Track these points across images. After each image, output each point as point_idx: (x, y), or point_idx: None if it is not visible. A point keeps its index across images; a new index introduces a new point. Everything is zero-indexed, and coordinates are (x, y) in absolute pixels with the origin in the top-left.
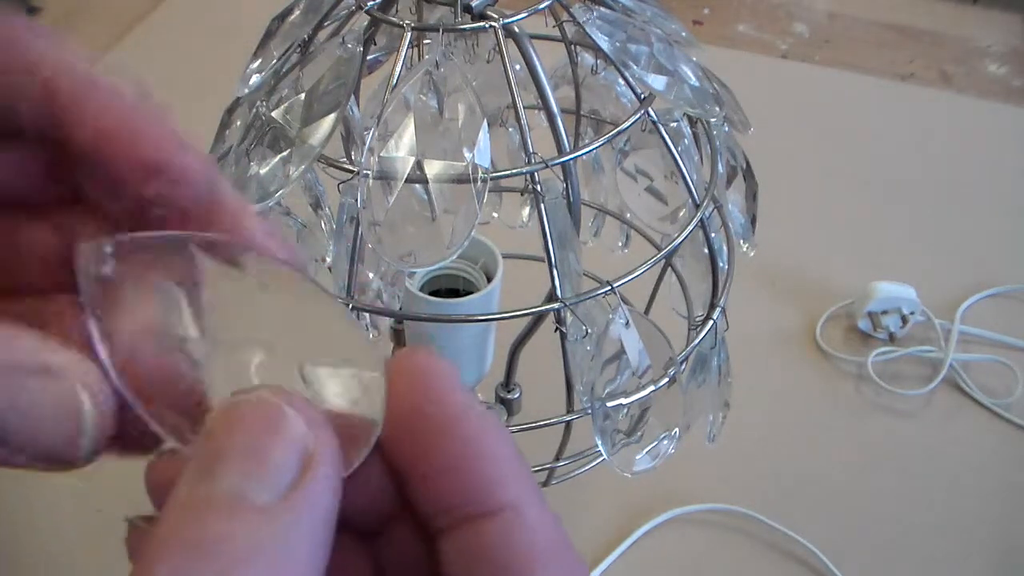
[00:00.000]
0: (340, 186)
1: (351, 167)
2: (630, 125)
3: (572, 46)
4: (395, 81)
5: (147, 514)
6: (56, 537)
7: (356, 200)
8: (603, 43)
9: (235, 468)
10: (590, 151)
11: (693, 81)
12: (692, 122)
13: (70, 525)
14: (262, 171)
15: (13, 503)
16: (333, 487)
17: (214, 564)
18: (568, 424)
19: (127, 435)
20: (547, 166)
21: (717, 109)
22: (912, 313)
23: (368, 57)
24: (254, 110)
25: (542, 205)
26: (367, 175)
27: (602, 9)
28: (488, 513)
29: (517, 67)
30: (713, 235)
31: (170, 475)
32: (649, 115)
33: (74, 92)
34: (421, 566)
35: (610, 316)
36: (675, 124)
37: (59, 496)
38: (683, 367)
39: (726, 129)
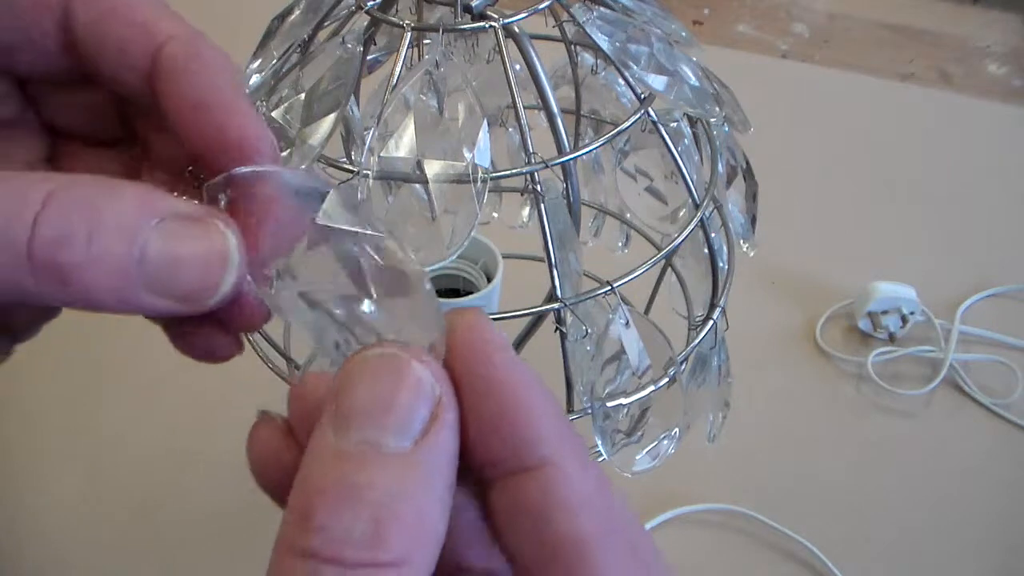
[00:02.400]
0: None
1: (351, 167)
2: (630, 125)
3: (572, 46)
4: (395, 81)
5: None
6: (57, 537)
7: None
8: (603, 43)
9: (372, 420)
10: (590, 151)
11: (693, 81)
12: (692, 122)
13: (71, 525)
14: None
15: (13, 504)
16: (456, 432)
17: (366, 507)
18: None
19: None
20: (547, 166)
21: (717, 109)
22: (912, 313)
23: (368, 57)
24: None
25: (542, 205)
26: (367, 175)
27: (602, 9)
28: (530, 468)
29: (517, 67)
30: (713, 235)
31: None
32: (649, 115)
33: (180, 61)
34: (474, 514)
35: (610, 316)
36: (675, 124)
37: (59, 497)
38: (683, 367)
39: (726, 129)
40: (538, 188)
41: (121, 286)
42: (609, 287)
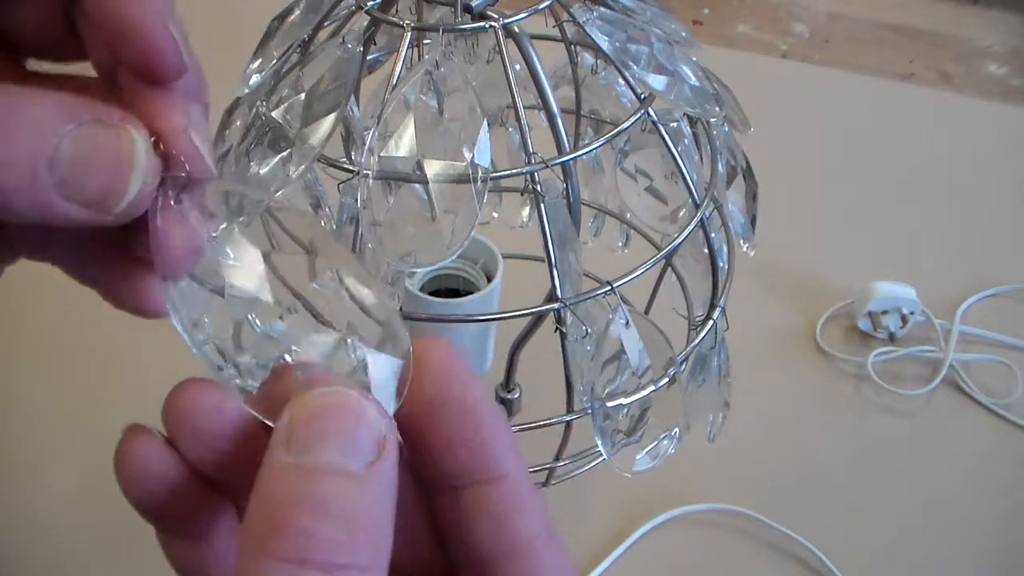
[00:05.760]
0: (340, 186)
1: (351, 167)
2: (630, 125)
3: (572, 46)
4: (395, 81)
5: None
6: (57, 538)
7: (356, 200)
8: (603, 43)
9: (332, 446)
10: (590, 151)
11: (693, 81)
12: (692, 122)
13: (72, 525)
14: (262, 171)
15: (14, 504)
16: (396, 460)
17: (339, 520)
18: (568, 424)
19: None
20: (547, 166)
21: (717, 109)
22: (912, 313)
23: (368, 57)
24: (254, 110)
25: (542, 205)
26: (367, 175)
27: (602, 9)
28: (494, 479)
29: (517, 67)
30: (713, 235)
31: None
32: (649, 115)
33: None
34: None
35: (610, 316)
36: (675, 124)
37: (60, 497)
38: (683, 367)
39: (726, 129)
40: (538, 188)
41: (32, 187)
42: (609, 287)
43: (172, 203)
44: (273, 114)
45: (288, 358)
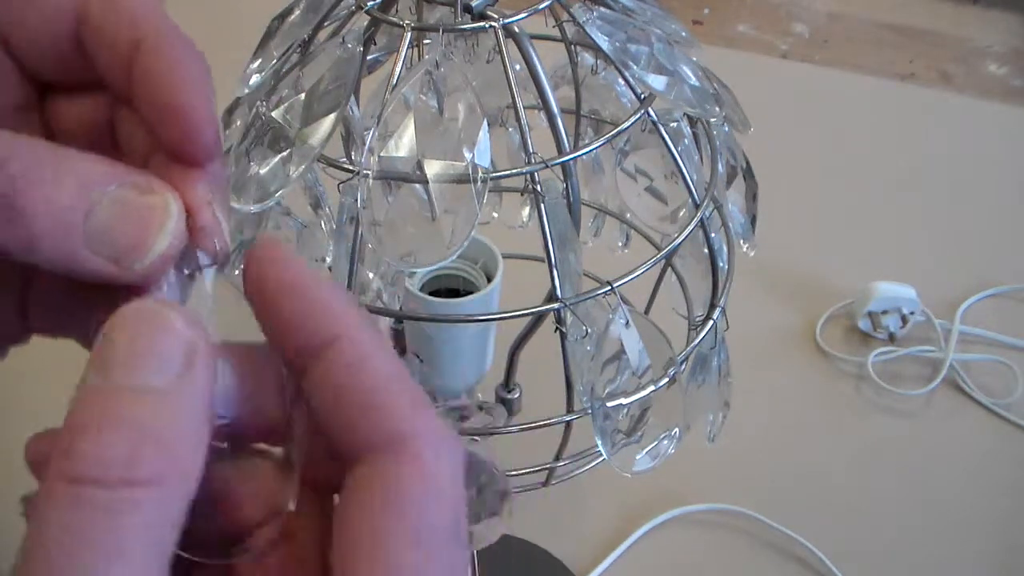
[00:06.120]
0: (340, 186)
1: (351, 167)
2: (630, 125)
3: (572, 46)
4: (395, 81)
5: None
6: None
7: (356, 200)
8: (603, 43)
9: (132, 361)
10: (590, 151)
11: (693, 81)
12: (692, 122)
13: None
14: (262, 171)
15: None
16: (210, 373)
17: (125, 434)
18: (568, 424)
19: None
20: (547, 166)
21: (717, 109)
22: (912, 313)
23: (368, 57)
24: (254, 110)
25: (542, 205)
26: (367, 175)
27: (602, 9)
28: (328, 343)
29: (517, 67)
30: (713, 235)
31: (47, 451)
32: (649, 115)
33: (151, 54)
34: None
35: (610, 316)
36: (675, 124)
37: None
38: (683, 367)
39: (726, 129)
40: (538, 188)
41: (64, 236)
42: (609, 287)
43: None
44: (273, 114)
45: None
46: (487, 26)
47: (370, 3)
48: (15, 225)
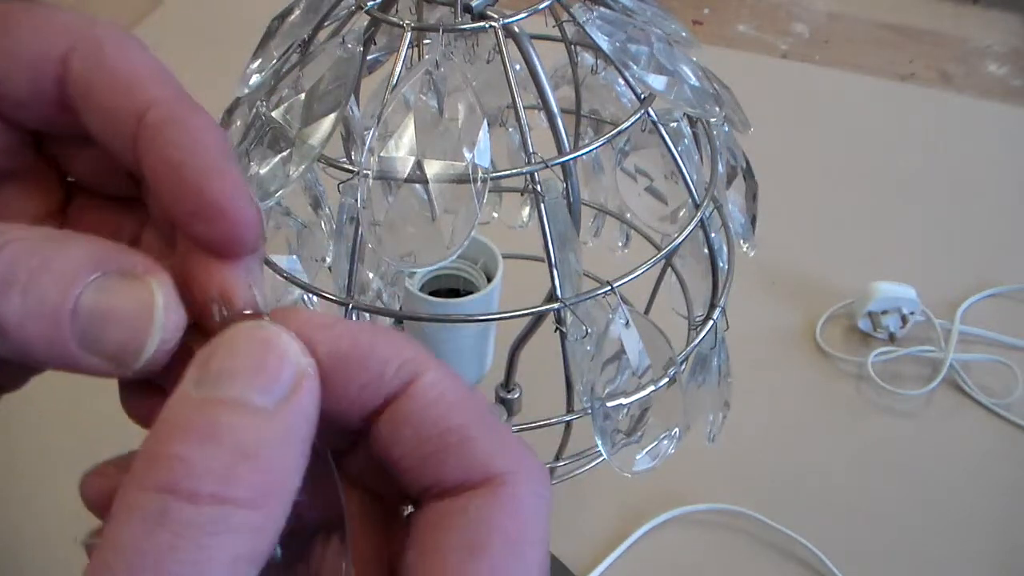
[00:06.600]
0: (340, 186)
1: (351, 167)
2: (630, 125)
3: (572, 46)
4: (395, 81)
5: (97, 530)
6: (60, 539)
7: (356, 200)
8: (603, 43)
9: (241, 378)
10: (590, 151)
11: (693, 81)
12: (692, 122)
13: (74, 527)
14: (262, 171)
15: (16, 506)
16: (316, 403)
17: (226, 445)
18: (568, 424)
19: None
20: (547, 166)
21: (717, 109)
22: (912, 313)
23: (368, 57)
24: (254, 110)
25: (542, 205)
26: (367, 175)
27: (602, 9)
28: (399, 385)
29: (517, 67)
30: (713, 235)
31: (107, 488)
32: (649, 115)
33: (159, 129)
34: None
35: (610, 316)
36: (675, 124)
37: (63, 499)
38: (683, 367)
39: (726, 129)
40: (538, 188)
41: (54, 337)
42: (609, 287)
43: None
44: (273, 114)
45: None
46: (487, 26)
47: (370, 3)
48: (5, 333)
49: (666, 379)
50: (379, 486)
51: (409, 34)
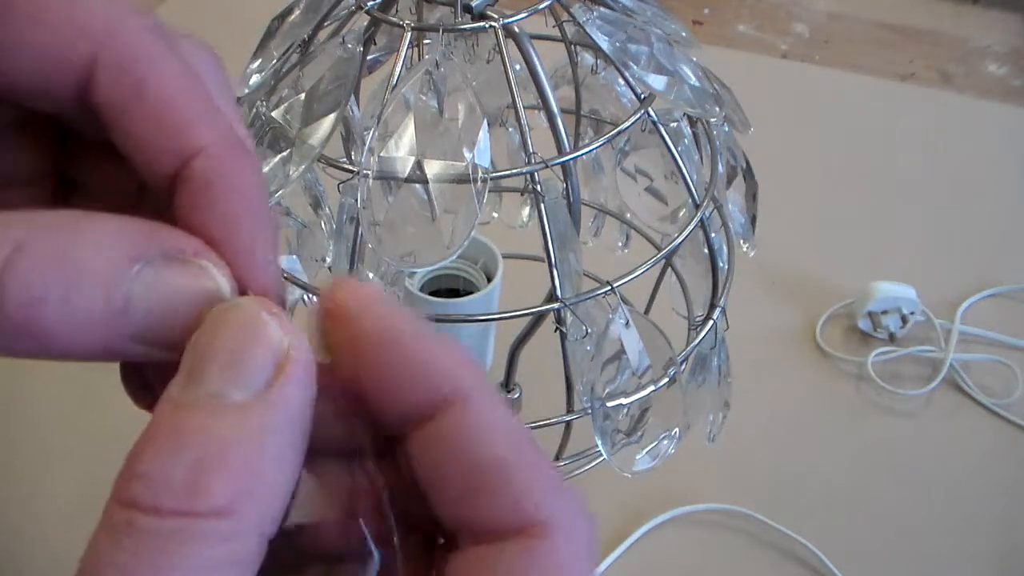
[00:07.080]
0: (340, 186)
1: (351, 167)
2: (630, 125)
3: (572, 46)
4: (395, 81)
5: None
6: (61, 540)
7: (356, 200)
8: (603, 43)
9: (215, 370)
10: (590, 151)
11: (693, 81)
12: (692, 122)
13: (75, 528)
14: (262, 171)
15: (17, 507)
16: (305, 390)
17: (191, 453)
18: (568, 424)
19: None
20: (547, 166)
21: (717, 109)
22: (912, 313)
23: (368, 57)
24: (254, 110)
25: (542, 205)
26: (367, 175)
27: (602, 9)
28: (442, 406)
29: (517, 67)
30: (713, 235)
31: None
32: (649, 115)
33: (206, 183)
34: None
35: (610, 316)
36: (675, 124)
37: (63, 500)
38: (683, 367)
39: (726, 129)
40: (538, 188)
41: (106, 337)
42: (609, 287)
43: None
44: (273, 114)
45: None
46: (487, 26)
47: (370, 3)
48: (48, 343)
49: (666, 379)
50: (406, 503)
51: (409, 34)
